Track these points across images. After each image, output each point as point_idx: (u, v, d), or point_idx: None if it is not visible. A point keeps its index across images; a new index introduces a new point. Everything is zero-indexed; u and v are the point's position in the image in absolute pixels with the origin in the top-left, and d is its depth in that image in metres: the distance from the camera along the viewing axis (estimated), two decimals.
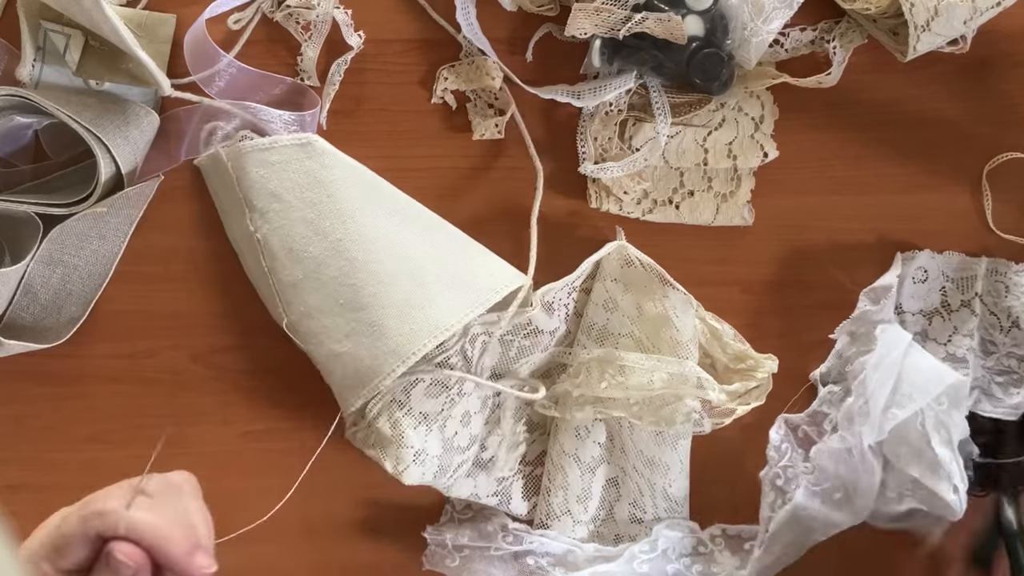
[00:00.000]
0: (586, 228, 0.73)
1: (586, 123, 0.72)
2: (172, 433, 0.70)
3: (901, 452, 0.71)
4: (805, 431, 0.73)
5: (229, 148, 0.67)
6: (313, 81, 0.71)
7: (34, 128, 0.68)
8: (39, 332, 0.69)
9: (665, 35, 0.67)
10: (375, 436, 0.67)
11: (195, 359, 0.72)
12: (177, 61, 0.70)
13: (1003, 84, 0.74)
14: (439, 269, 0.67)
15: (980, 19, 0.69)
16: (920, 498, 0.72)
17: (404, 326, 0.65)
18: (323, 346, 0.66)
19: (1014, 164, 0.74)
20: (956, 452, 0.70)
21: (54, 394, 0.71)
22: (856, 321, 0.72)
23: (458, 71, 0.71)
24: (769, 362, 0.71)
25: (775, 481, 0.71)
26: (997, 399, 0.73)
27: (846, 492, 0.71)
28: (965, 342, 0.73)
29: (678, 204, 0.73)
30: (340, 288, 0.65)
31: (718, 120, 0.72)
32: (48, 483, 0.71)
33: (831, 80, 0.71)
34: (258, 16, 0.71)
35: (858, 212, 0.74)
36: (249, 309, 0.70)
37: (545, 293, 0.70)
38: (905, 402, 0.68)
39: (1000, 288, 0.73)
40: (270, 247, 0.66)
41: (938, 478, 0.70)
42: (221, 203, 0.70)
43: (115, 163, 0.66)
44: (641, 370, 0.69)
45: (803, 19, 0.71)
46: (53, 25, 0.66)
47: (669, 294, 0.70)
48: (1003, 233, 0.74)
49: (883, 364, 0.68)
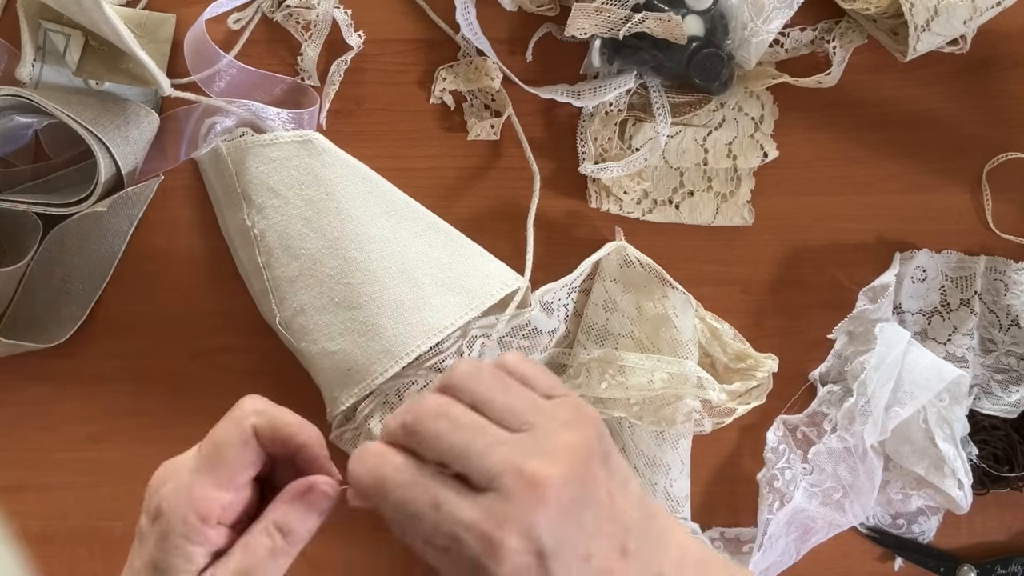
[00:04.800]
0: (585, 228, 0.73)
1: (586, 123, 0.72)
2: (172, 433, 0.71)
3: (904, 450, 0.71)
4: (804, 432, 0.73)
5: (229, 143, 0.67)
6: (313, 81, 0.71)
7: (34, 128, 0.68)
8: (39, 332, 0.69)
9: (665, 35, 0.67)
10: (365, 437, 0.67)
11: (195, 359, 0.72)
12: (177, 61, 0.70)
13: (1003, 84, 0.74)
14: (436, 270, 0.67)
15: (980, 19, 0.69)
16: (926, 495, 0.72)
17: (398, 326, 0.65)
18: (316, 344, 0.66)
19: (1014, 164, 0.74)
20: (959, 448, 0.70)
21: (54, 394, 0.71)
22: (854, 320, 0.72)
23: (456, 71, 0.71)
24: (769, 361, 0.71)
25: (773, 483, 0.71)
26: (996, 397, 0.73)
27: (845, 492, 0.71)
28: (965, 341, 0.73)
29: (678, 204, 0.73)
30: (336, 286, 0.65)
31: (718, 120, 0.72)
32: (48, 483, 0.72)
33: (831, 80, 0.71)
34: (258, 16, 0.71)
35: (858, 212, 0.74)
36: (249, 309, 0.70)
37: (544, 294, 0.70)
38: (907, 400, 0.68)
39: (999, 286, 0.73)
40: (266, 242, 0.66)
41: (943, 474, 0.70)
42: (218, 197, 0.70)
43: (115, 163, 0.66)
44: (641, 370, 0.69)
45: (803, 19, 0.72)
46: (53, 25, 0.66)
47: (669, 294, 0.70)
48: (1003, 233, 0.74)
49: (884, 363, 0.68)
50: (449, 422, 0.46)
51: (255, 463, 0.49)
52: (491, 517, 0.44)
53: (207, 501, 0.47)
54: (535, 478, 0.44)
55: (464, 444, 0.45)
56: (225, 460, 0.48)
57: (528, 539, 0.44)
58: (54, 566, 0.71)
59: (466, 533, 0.44)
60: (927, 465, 0.70)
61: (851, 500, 0.71)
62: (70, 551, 0.72)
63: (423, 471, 0.45)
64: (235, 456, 0.48)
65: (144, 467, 0.71)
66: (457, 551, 0.44)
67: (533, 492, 0.44)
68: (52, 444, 0.72)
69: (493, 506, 0.44)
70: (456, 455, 0.45)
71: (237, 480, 0.48)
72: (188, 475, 0.48)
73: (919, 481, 0.71)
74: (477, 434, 0.46)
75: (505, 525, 0.43)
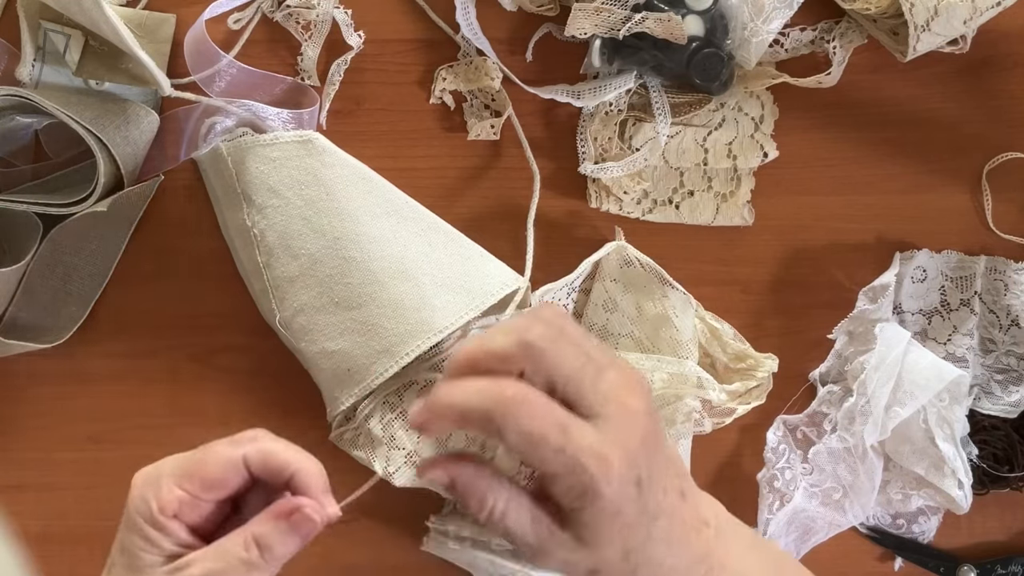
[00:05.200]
0: (585, 228, 0.73)
1: (586, 123, 0.72)
2: (171, 433, 0.71)
3: (904, 450, 0.71)
4: (804, 432, 0.73)
5: (229, 143, 0.67)
6: (313, 81, 0.71)
7: (34, 128, 0.68)
8: (39, 332, 0.69)
9: (665, 35, 0.67)
10: (364, 437, 0.67)
11: (195, 359, 0.72)
12: (177, 61, 0.70)
13: (1003, 84, 0.74)
14: (436, 270, 0.67)
15: (980, 19, 0.69)
16: (926, 495, 0.72)
17: (398, 326, 0.65)
18: (316, 343, 0.66)
19: (1014, 164, 0.74)
20: (959, 447, 0.70)
21: (54, 394, 0.71)
22: (854, 320, 0.72)
23: (456, 71, 0.71)
24: (769, 361, 0.71)
25: (773, 483, 0.71)
26: (996, 397, 0.73)
27: (845, 492, 0.71)
28: (965, 341, 0.73)
29: (678, 204, 0.73)
30: (336, 286, 0.65)
31: (718, 120, 0.72)
32: (48, 483, 0.72)
33: (831, 80, 0.71)
34: (258, 16, 0.71)
35: (858, 212, 0.74)
36: (249, 309, 0.70)
37: (544, 294, 0.70)
38: (907, 400, 0.68)
39: (999, 286, 0.73)
40: (266, 242, 0.66)
41: (943, 475, 0.70)
42: (218, 197, 0.70)
43: (115, 163, 0.66)
44: (641, 370, 0.69)
45: (803, 19, 0.72)
46: (53, 25, 0.66)
47: (669, 294, 0.70)
48: (1003, 233, 0.74)
49: (884, 363, 0.68)
50: (569, 345, 0.47)
51: (234, 486, 0.49)
52: (605, 441, 0.46)
53: (169, 493, 0.48)
54: (632, 408, 0.47)
55: (581, 367, 0.47)
56: (203, 473, 0.49)
57: (631, 466, 0.46)
58: (54, 566, 0.71)
59: (585, 456, 0.45)
60: (927, 465, 0.70)
61: (851, 500, 0.71)
62: (70, 551, 0.72)
63: (542, 397, 0.46)
64: (215, 473, 0.49)
65: (144, 467, 0.72)
66: (574, 472, 0.45)
67: (632, 422, 0.47)
68: (52, 444, 0.72)
69: (605, 431, 0.46)
70: (572, 377, 0.46)
71: (206, 494, 0.49)
72: (163, 473, 0.49)
73: (919, 481, 0.71)
74: (588, 361, 0.47)
75: (615, 450, 0.46)
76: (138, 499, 0.49)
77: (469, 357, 0.47)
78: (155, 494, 0.48)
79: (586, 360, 0.47)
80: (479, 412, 0.46)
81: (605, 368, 0.47)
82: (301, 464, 0.49)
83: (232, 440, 0.50)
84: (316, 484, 0.49)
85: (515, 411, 0.45)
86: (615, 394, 0.47)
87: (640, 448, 0.47)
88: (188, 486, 0.48)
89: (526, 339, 0.47)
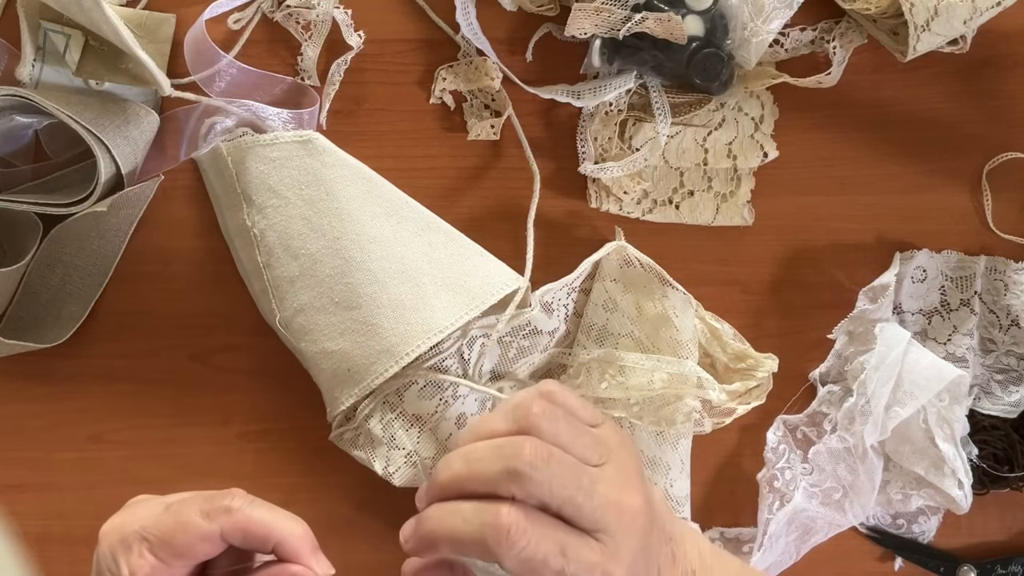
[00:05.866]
0: (585, 228, 0.73)
1: (586, 123, 0.72)
2: (171, 433, 0.71)
3: (904, 450, 0.71)
4: (804, 432, 0.73)
5: (229, 143, 0.67)
6: (314, 81, 0.71)
7: (34, 128, 0.68)
8: (39, 332, 0.69)
9: (665, 35, 0.67)
10: (364, 437, 0.67)
11: (195, 359, 0.72)
12: (177, 61, 0.70)
13: (1003, 84, 0.74)
14: (436, 270, 0.67)
15: (980, 19, 0.69)
16: (926, 495, 0.72)
17: (398, 326, 0.65)
18: (316, 343, 0.66)
19: (1014, 164, 0.74)
20: (959, 447, 0.70)
21: (54, 394, 0.71)
22: (854, 320, 0.72)
23: (456, 71, 0.71)
24: (769, 361, 0.71)
25: (773, 483, 0.71)
26: (996, 397, 0.73)
27: (845, 492, 0.71)
28: (965, 341, 0.73)
29: (678, 204, 0.73)
30: (336, 286, 0.65)
31: (718, 120, 0.72)
32: (48, 483, 0.72)
33: (831, 80, 0.71)
34: (258, 16, 0.71)
35: (858, 212, 0.74)
36: (249, 309, 0.70)
37: (544, 294, 0.70)
38: (907, 400, 0.68)
39: (999, 286, 0.73)
40: (266, 242, 0.66)
41: (943, 474, 0.70)
42: (218, 197, 0.70)
43: (115, 163, 0.66)
44: (641, 370, 0.69)
45: (803, 19, 0.72)
46: (53, 25, 0.66)
47: (669, 294, 0.70)
48: (1003, 233, 0.74)
49: (884, 363, 0.68)
50: (560, 466, 0.47)
51: (209, 555, 0.49)
52: (606, 555, 0.46)
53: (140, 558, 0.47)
54: (629, 511, 0.47)
55: (574, 487, 0.47)
56: (176, 543, 0.48)
57: (630, 570, 0.47)
58: (54, 566, 0.71)
59: (590, 573, 0.46)
60: (927, 465, 0.70)
61: (851, 500, 0.71)
62: (70, 551, 0.72)
63: (537, 518, 0.46)
64: (188, 544, 0.48)
65: (144, 467, 0.72)
66: None
67: (630, 524, 0.47)
68: (52, 444, 0.72)
69: (605, 544, 0.46)
70: (567, 498, 0.46)
71: (178, 563, 0.48)
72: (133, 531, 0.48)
73: (919, 481, 0.72)
74: (582, 475, 0.47)
75: (618, 568, 0.46)
76: (108, 557, 0.48)
77: (457, 478, 0.47)
78: (126, 557, 0.47)
79: (578, 475, 0.47)
80: (474, 541, 0.46)
81: (598, 480, 0.47)
82: (283, 530, 0.48)
83: (206, 511, 0.48)
84: (303, 548, 0.49)
85: (511, 538, 0.45)
86: (613, 499, 0.47)
87: (641, 552, 0.47)
88: (160, 554, 0.47)
89: (514, 468, 0.46)
